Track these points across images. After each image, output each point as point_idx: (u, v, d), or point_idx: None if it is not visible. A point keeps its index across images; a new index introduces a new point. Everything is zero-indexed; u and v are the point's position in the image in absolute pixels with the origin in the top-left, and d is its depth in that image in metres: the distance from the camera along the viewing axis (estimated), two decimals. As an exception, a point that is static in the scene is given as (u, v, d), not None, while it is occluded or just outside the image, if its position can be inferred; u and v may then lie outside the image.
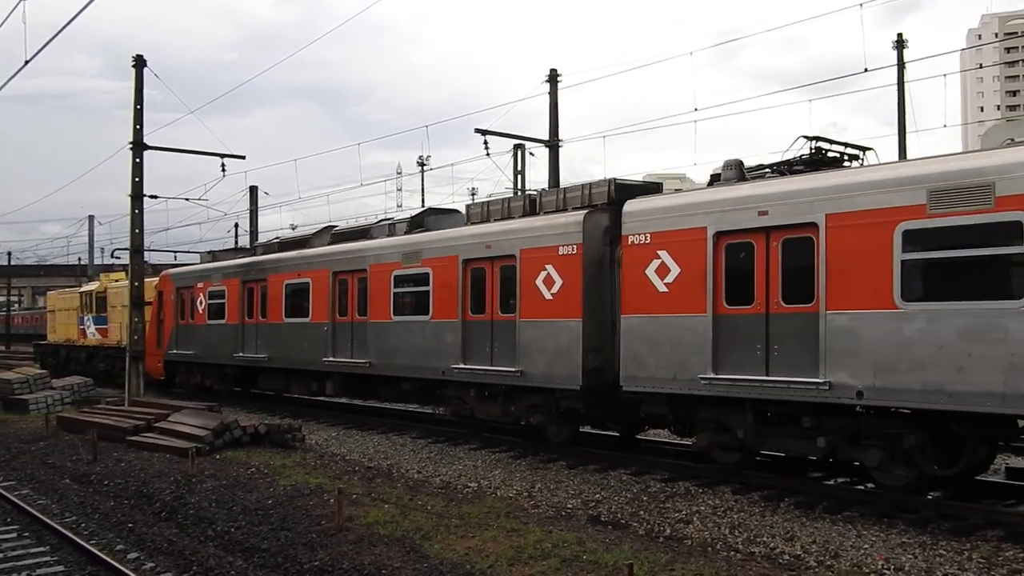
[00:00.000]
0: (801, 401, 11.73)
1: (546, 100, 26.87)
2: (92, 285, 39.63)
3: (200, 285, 26.98)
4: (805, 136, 13.07)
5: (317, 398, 23.89)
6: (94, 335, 37.27)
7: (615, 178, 15.21)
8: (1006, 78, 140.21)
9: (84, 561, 10.62)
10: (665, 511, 11.72)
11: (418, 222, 20.01)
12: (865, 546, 9.75)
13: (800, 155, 13.02)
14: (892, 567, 8.99)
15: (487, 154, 25.71)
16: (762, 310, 12.20)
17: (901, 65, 23.18)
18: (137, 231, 24.71)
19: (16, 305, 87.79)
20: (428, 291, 17.89)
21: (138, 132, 24.55)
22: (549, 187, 26.37)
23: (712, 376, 12.62)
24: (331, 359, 20.75)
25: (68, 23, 16.58)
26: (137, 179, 24.60)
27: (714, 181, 13.72)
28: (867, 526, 10.53)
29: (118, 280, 36.84)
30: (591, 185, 15.53)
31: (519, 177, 33.75)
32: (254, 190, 43.76)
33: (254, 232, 44.22)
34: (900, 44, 24.92)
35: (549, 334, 15.23)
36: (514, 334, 15.86)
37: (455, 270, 17.18)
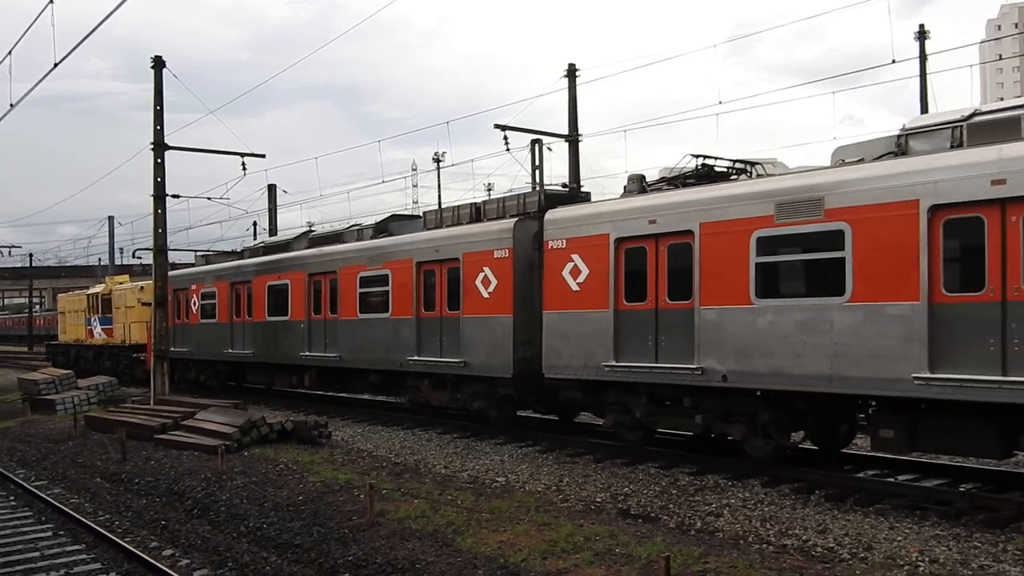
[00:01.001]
0: (682, 384, 13.63)
1: (564, 96, 26.85)
2: (98, 288, 41.16)
3: (193, 287, 29.01)
4: (692, 154, 14.85)
5: (340, 395, 24.84)
6: (100, 335, 38.99)
7: (545, 188, 17.33)
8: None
9: (121, 558, 10.73)
10: (695, 504, 11.73)
11: (382, 228, 21.80)
12: (898, 538, 9.73)
13: (693, 169, 14.75)
14: (927, 559, 8.96)
15: (507, 149, 25.75)
16: (652, 306, 14.06)
17: (923, 57, 22.99)
18: (160, 231, 24.85)
19: (37, 307, 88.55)
20: (388, 291, 19.92)
21: (159, 133, 24.68)
22: (569, 181, 26.53)
23: (614, 364, 14.50)
24: (307, 354, 22.79)
25: (98, 25, 16.66)
26: (159, 179, 24.72)
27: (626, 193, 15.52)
28: (900, 519, 10.50)
29: (122, 283, 39.04)
30: (525, 195, 17.56)
31: (536, 172, 33.80)
32: (272, 188, 43.93)
33: (272, 230, 44.41)
34: (922, 35, 24.63)
35: (487, 329, 17.15)
36: (458, 329, 17.82)
37: (410, 272, 19.19)
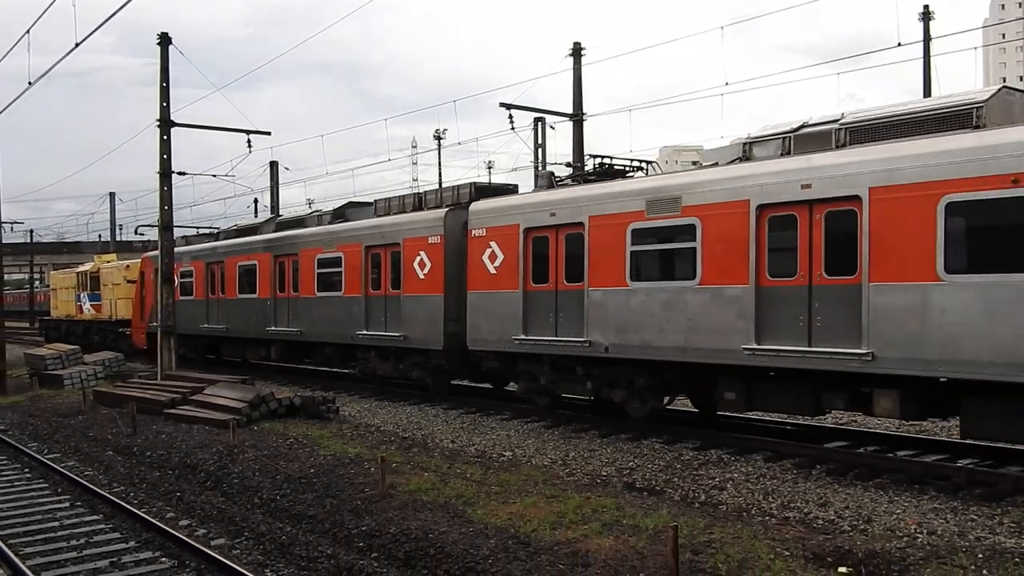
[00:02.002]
0: (575, 355, 15.58)
1: (570, 77, 26.89)
2: (87, 266, 43.88)
3: (174, 266, 29.69)
4: (591, 155, 17.09)
5: (344, 370, 25.15)
6: (89, 311, 41.59)
7: (475, 182, 19.33)
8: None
9: (139, 528, 11.00)
10: (699, 478, 12.00)
11: (340, 214, 23.91)
12: (898, 511, 9.99)
13: (595, 167, 16.83)
14: (925, 531, 9.23)
15: (512, 128, 25.82)
16: (553, 288, 16.06)
17: (927, 38, 23.02)
18: (166, 208, 24.99)
19: (38, 283, 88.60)
20: (341, 272, 22.01)
21: (164, 110, 24.73)
22: (573, 160, 26.68)
23: (523, 337, 16.49)
24: (273, 328, 24.99)
25: (122, 7, 16.66)
26: (165, 156, 24.82)
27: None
28: (899, 492, 10.77)
29: (109, 261, 41.65)
30: (459, 187, 19.59)
31: (539, 151, 33.89)
32: (274, 165, 44.03)
33: (275, 207, 44.52)
34: (927, 16, 24.65)
35: (422, 307, 19.19)
36: (399, 306, 19.92)
37: (360, 255, 21.30)
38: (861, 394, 11.98)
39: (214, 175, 29.11)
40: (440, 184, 50.93)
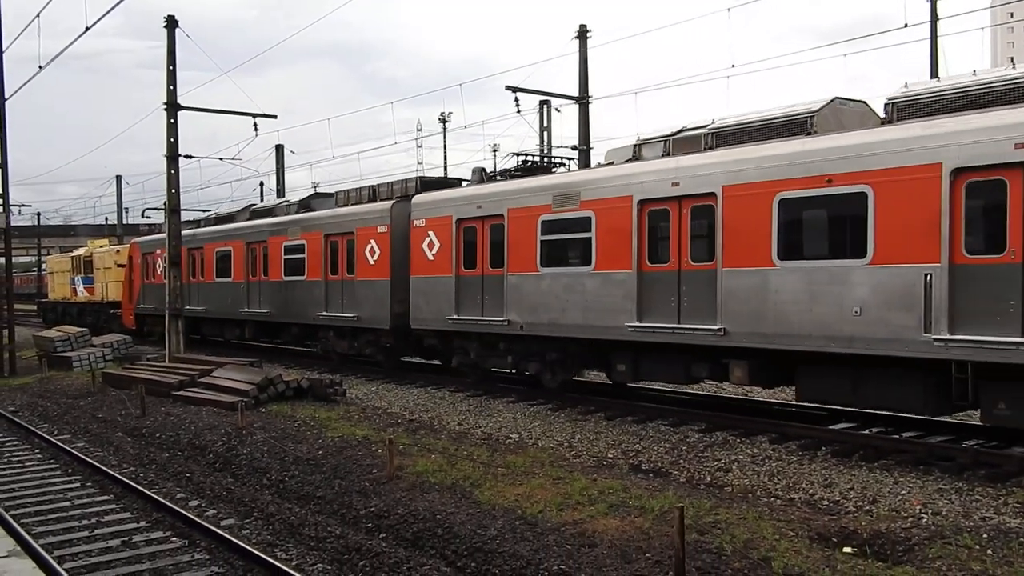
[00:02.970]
0: (497, 332, 17.41)
1: (575, 59, 26.80)
2: (81, 251, 45.75)
3: (158, 251, 32.30)
4: (514, 153, 19.43)
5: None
6: (83, 293, 43.48)
7: (421, 176, 21.61)
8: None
9: (149, 508, 11.12)
10: (704, 460, 12.07)
11: (305, 204, 25.83)
12: (902, 492, 10.04)
13: (520, 164, 19.14)
14: (929, 511, 9.28)
15: (518, 111, 25.80)
16: (480, 273, 17.76)
17: (935, 18, 22.86)
18: (173, 191, 25.04)
19: (45, 265, 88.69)
20: (304, 258, 23.83)
21: (171, 93, 24.73)
22: (579, 143, 26.70)
23: (456, 317, 18.29)
24: (246, 310, 26.78)
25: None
26: (172, 140, 24.85)
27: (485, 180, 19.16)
28: (904, 473, 10.81)
29: (102, 246, 43.63)
30: (407, 180, 21.30)
31: (544, 134, 33.81)
32: (280, 149, 44.00)
33: (280, 190, 44.53)
34: (933, -6, 24.41)
35: (372, 290, 21.00)
36: (354, 290, 21.71)
37: (320, 242, 23.10)
38: (721, 364, 13.80)
39: (221, 158, 29.23)
40: (445, 169, 50.88)
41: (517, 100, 25.65)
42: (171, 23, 24.63)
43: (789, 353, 12.60)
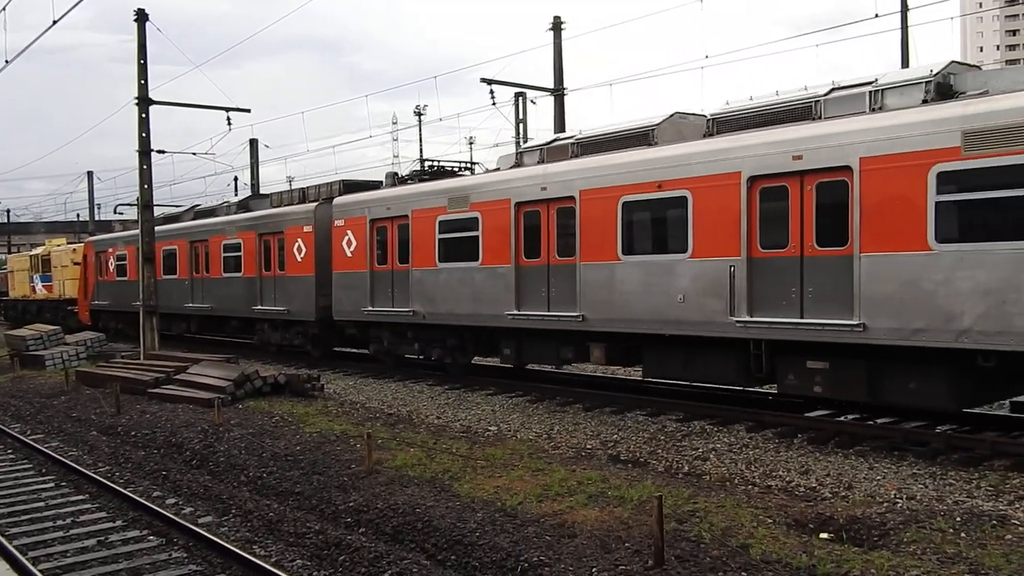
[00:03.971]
0: (404, 322, 19.26)
1: (550, 51, 26.76)
2: (39, 249, 47.13)
3: (110, 250, 34.72)
4: (421, 159, 20.54)
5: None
6: (42, 291, 44.65)
7: (344, 179, 22.63)
8: (1006, 17, 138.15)
9: (125, 507, 11.02)
10: (682, 449, 12.13)
11: (244, 205, 27.90)
12: (877, 478, 10.16)
13: (429, 167, 20.99)
14: (904, 496, 9.39)
15: (493, 103, 25.77)
16: (390, 268, 19.58)
17: (905, 8, 23.05)
18: (146, 187, 24.78)
19: (5, 264, 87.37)
20: (240, 256, 25.65)
21: (143, 87, 24.46)
22: (554, 133, 26.68)
23: (371, 309, 20.07)
24: (191, 305, 28.74)
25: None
26: (144, 134, 24.60)
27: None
28: (879, 459, 10.93)
29: (59, 245, 44.75)
30: (332, 184, 22.96)
31: (520, 126, 33.76)
32: (254, 143, 43.62)
33: (255, 185, 44.16)
34: (904, -15, 24.59)
35: (300, 285, 22.79)
36: (284, 285, 23.54)
37: (254, 241, 24.96)
38: (584, 347, 15.47)
39: (194, 153, 29.16)
40: (421, 162, 50.63)
41: (492, 92, 25.63)
42: (141, 16, 24.34)
43: (634, 336, 14.37)
